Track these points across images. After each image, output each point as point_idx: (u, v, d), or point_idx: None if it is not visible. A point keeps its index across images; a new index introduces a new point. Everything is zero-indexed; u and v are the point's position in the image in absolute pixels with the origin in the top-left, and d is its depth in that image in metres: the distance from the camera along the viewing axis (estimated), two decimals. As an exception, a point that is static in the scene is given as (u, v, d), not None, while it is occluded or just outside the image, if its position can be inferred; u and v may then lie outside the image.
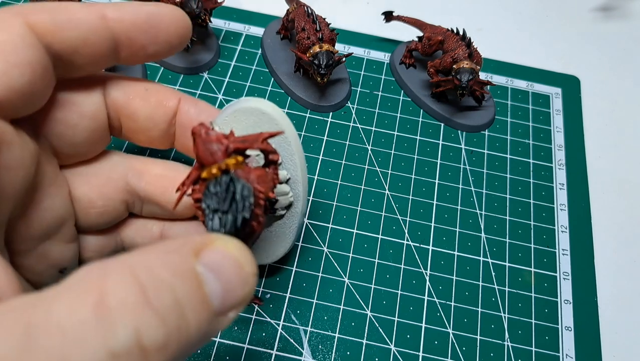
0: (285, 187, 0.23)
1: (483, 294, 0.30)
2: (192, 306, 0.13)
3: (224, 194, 0.17)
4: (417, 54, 0.39)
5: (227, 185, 0.17)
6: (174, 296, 0.13)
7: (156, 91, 0.23)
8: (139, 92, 0.22)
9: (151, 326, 0.12)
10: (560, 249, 0.33)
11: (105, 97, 0.22)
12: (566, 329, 0.30)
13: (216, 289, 0.14)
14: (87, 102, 0.21)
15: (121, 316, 0.12)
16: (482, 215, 0.33)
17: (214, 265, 0.14)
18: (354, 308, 0.29)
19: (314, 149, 0.35)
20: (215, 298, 0.14)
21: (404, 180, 0.34)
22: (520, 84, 0.40)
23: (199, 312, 0.13)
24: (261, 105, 0.22)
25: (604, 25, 0.45)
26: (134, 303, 0.12)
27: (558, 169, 0.36)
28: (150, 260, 0.13)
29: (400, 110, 0.38)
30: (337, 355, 0.28)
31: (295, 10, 0.36)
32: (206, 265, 0.14)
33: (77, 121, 0.20)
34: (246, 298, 0.15)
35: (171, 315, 0.13)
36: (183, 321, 0.13)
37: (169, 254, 0.14)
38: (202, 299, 0.14)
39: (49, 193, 0.20)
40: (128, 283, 0.12)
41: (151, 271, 0.13)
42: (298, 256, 0.31)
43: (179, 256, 0.14)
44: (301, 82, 0.37)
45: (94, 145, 0.22)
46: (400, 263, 0.31)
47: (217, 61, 0.39)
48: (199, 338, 0.13)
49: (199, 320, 0.13)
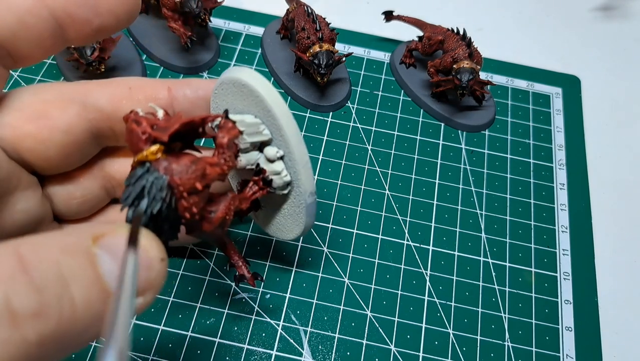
0: (277, 166, 0.22)
1: (483, 294, 0.30)
2: (79, 281, 0.13)
3: (133, 185, 0.16)
4: (418, 54, 0.39)
5: (138, 177, 0.16)
6: (56, 270, 0.13)
7: (141, 86, 0.22)
8: (123, 94, 0.21)
9: (23, 292, 0.12)
10: (561, 249, 0.33)
11: (87, 108, 0.21)
12: (566, 329, 0.30)
13: (112, 270, 0.14)
14: (61, 116, 0.20)
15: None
16: (483, 215, 0.33)
17: (112, 248, 0.14)
18: (354, 308, 0.29)
19: (314, 149, 0.35)
20: (111, 280, 0.14)
21: (404, 180, 0.34)
22: (521, 84, 0.40)
23: (88, 287, 0.13)
24: (242, 75, 0.21)
25: (604, 25, 0.45)
26: (9, 273, 0.12)
27: (558, 169, 0.36)
28: (39, 240, 0.13)
29: (400, 110, 0.38)
30: (337, 355, 0.28)
31: (295, 10, 0.36)
32: (104, 248, 0.14)
33: (48, 136, 0.20)
34: (153, 283, 0.15)
35: (51, 285, 0.13)
36: (66, 292, 0.13)
37: (65, 236, 0.14)
38: (94, 276, 0.14)
39: (25, 196, 0.20)
40: (7, 255, 0.12)
41: (36, 247, 0.13)
42: (298, 256, 0.31)
43: (74, 238, 0.14)
44: (301, 82, 0.37)
45: (71, 158, 0.21)
46: (400, 263, 0.31)
47: (217, 61, 0.39)
48: (90, 317, 0.13)
49: (88, 295, 0.13)
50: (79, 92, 0.21)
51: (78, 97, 0.20)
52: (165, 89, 0.22)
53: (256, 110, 0.21)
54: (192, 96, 0.22)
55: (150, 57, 0.38)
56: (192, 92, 0.22)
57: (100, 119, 0.21)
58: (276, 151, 0.22)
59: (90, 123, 0.21)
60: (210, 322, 0.28)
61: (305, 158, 0.22)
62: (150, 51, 0.38)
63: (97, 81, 0.22)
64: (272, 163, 0.22)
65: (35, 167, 0.20)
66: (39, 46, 0.19)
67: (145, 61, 0.38)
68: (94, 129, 0.21)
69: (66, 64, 0.36)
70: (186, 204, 0.17)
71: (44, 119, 0.19)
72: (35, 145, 0.19)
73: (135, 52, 0.38)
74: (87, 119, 0.20)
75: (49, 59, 0.37)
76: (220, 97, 0.22)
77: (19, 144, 0.19)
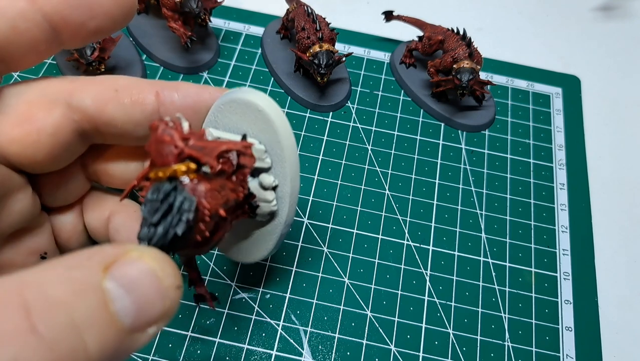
0: (269, 195, 0.21)
1: (483, 294, 0.30)
2: (93, 327, 0.12)
3: (158, 204, 0.15)
4: (418, 54, 0.39)
5: (167, 194, 0.15)
6: (68, 317, 0.12)
7: (128, 89, 0.21)
8: (109, 96, 0.20)
9: (34, 353, 0.11)
10: (561, 250, 0.33)
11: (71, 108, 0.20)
12: (566, 329, 0.30)
13: (127, 306, 0.13)
14: (46, 118, 0.19)
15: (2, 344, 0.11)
16: (483, 215, 0.33)
17: (126, 280, 0.13)
18: (354, 308, 0.29)
19: (314, 149, 0.35)
20: (125, 316, 0.13)
21: (404, 180, 0.34)
22: (521, 83, 0.40)
23: (102, 332, 0.12)
24: (258, 100, 0.20)
25: (604, 25, 0.45)
26: (15, 330, 0.11)
27: (558, 169, 0.36)
28: (46, 277, 0.12)
29: (400, 110, 0.38)
30: (337, 355, 0.28)
31: (295, 10, 0.36)
32: (116, 280, 0.13)
33: (35, 139, 0.19)
34: (168, 312, 0.14)
35: (63, 338, 0.12)
36: (79, 343, 0.12)
37: (72, 269, 0.13)
38: (108, 318, 0.13)
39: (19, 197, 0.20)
40: (13, 306, 0.11)
41: (43, 290, 0.12)
42: (298, 256, 0.31)
43: (83, 271, 0.13)
44: (301, 82, 0.37)
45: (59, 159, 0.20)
46: (400, 263, 0.31)
47: (217, 61, 0.39)
48: (106, 358, 0.13)
49: (103, 341, 0.12)
50: (63, 91, 0.20)
51: (62, 97, 0.20)
52: (153, 93, 0.21)
53: (263, 137, 0.21)
54: (180, 102, 0.21)
55: (150, 57, 0.38)
56: (180, 98, 0.21)
57: (84, 120, 0.20)
58: (272, 180, 0.21)
59: (76, 124, 0.20)
60: (210, 322, 0.28)
61: (297, 192, 0.21)
62: (150, 51, 0.38)
63: (84, 79, 0.21)
64: (265, 191, 0.21)
65: (24, 169, 0.20)
66: (32, 51, 0.18)
67: (145, 60, 0.38)
68: (80, 129, 0.20)
69: (66, 64, 0.36)
70: (203, 228, 0.16)
71: (29, 123, 0.19)
72: (23, 149, 0.19)
73: (135, 52, 0.38)
74: (72, 119, 0.20)
75: (49, 59, 0.37)
76: (223, 114, 0.22)
77: (7, 149, 0.19)
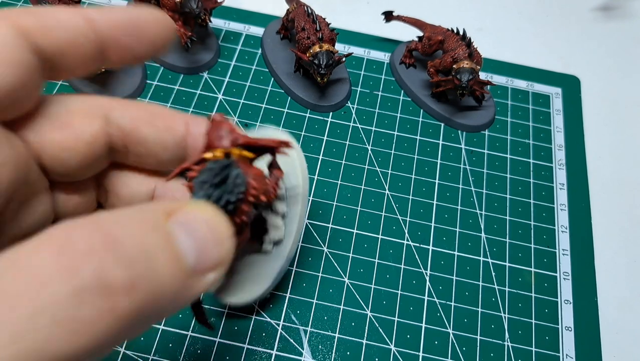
0: (279, 221, 0.23)
1: (483, 294, 0.30)
2: (162, 259, 0.14)
3: (217, 171, 0.17)
4: (417, 54, 0.39)
5: (224, 166, 0.17)
6: (142, 245, 0.13)
7: (162, 115, 0.23)
8: (145, 118, 0.22)
9: (116, 267, 0.12)
10: (561, 249, 0.33)
11: (109, 123, 0.21)
12: (566, 329, 0.30)
13: (189, 246, 0.14)
14: (86, 128, 0.20)
15: (84, 258, 0.12)
16: (482, 215, 0.33)
17: (186, 224, 0.15)
18: (354, 308, 0.29)
19: (314, 149, 0.35)
20: (189, 255, 0.14)
21: (404, 180, 0.34)
22: (520, 84, 0.40)
23: (170, 266, 0.14)
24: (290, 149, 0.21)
25: (604, 25, 0.45)
26: (98, 248, 0.12)
27: (558, 169, 0.36)
28: (118, 215, 0.14)
29: (400, 110, 0.38)
30: (337, 355, 0.28)
31: (295, 10, 0.36)
32: (178, 223, 0.14)
33: (72, 145, 0.20)
34: (224, 260, 0.15)
35: (138, 261, 0.13)
36: (152, 270, 0.13)
37: (141, 212, 0.14)
38: (174, 254, 0.14)
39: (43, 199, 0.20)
40: (93, 231, 0.13)
41: (118, 223, 0.13)
42: (298, 256, 0.31)
43: (148, 213, 0.14)
44: (301, 82, 0.37)
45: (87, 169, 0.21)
46: (400, 263, 0.31)
47: (217, 61, 0.39)
48: (172, 293, 0.14)
49: (171, 274, 0.14)
50: (104, 107, 0.21)
51: (102, 112, 0.21)
52: (184, 123, 0.23)
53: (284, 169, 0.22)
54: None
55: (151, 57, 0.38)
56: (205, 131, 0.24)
57: (119, 136, 0.22)
58: (285, 209, 0.23)
59: (110, 138, 0.21)
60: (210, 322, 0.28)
61: (302, 232, 0.24)
62: (151, 51, 0.38)
63: (120, 100, 0.23)
64: (276, 217, 0.23)
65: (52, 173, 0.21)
66: (80, 65, 0.20)
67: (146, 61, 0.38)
68: (112, 144, 0.22)
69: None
70: (246, 209, 0.18)
71: (69, 129, 0.20)
72: (59, 152, 0.20)
73: (136, 52, 0.38)
74: (108, 133, 0.21)
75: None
76: None
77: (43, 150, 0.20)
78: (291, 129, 0.36)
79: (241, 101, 0.37)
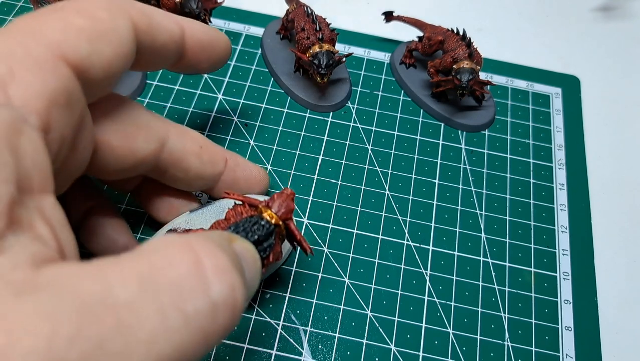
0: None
1: (483, 294, 0.30)
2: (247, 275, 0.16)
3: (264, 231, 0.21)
4: (417, 54, 0.39)
5: (270, 232, 0.21)
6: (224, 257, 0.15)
7: (209, 149, 0.25)
8: (194, 150, 0.25)
9: (242, 285, 0.14)
10: (561, 249, 0.33)
11: (163, 148, 0.23)
12: (566, 329, 0.30)
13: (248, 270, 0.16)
14: (144, 146, 0.22)
15: (217, 273, 0.14)
16: (482, 215, 0.33)
17: (240, 253, 0.16)
18: (354, 308, 0.29)
19: (314, 149, 0.35)
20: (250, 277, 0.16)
21: (404, 180, 0.34)
22: (520, 84, 0.40)
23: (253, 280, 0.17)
24: None
25: (604, 25, 0.45)
26: (226, 265, 0.14)
27: (558, 169, 0.36)
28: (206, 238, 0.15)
29: (400, 110, 0.38)
30: (337, 355, 0.28)
31: (295, 10, 0.36)
32: (237, 249, 0.16)
33: (125, 155, 0.22)
34: (253, 292, 0.17)
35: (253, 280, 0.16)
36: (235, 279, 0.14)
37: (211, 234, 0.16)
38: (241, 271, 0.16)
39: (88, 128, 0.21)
40: (217, 249, 0.14)
41: (227, 242, 0.16)
42: (298, 257, 0.31)
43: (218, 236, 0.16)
44: (301, 82, 0.37)
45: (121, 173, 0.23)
46: (400, 263, 0.31)
47: (217, 61, 0.39)
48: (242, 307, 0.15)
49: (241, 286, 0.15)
50: (163, 131, 0.24)
51: (161, 136, 0.23)
52: (224, 160, 0.26)
53: None
54: (240, 174, 0.27)
55: (151, 58, 0.38)
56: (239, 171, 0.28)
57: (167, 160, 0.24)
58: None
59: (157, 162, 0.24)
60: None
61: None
62: (151, 51, 0.38)
63: (178, 126, 0.25)
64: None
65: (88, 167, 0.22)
66: (158, 63, 0.23)
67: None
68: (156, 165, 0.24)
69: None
70: (279, 249, 0.22)
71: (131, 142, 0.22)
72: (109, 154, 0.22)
73: (136, 53, 0.38)
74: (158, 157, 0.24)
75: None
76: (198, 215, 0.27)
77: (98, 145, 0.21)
78: (291, 129, 0.36)
79: (241, 101, 0.37)
